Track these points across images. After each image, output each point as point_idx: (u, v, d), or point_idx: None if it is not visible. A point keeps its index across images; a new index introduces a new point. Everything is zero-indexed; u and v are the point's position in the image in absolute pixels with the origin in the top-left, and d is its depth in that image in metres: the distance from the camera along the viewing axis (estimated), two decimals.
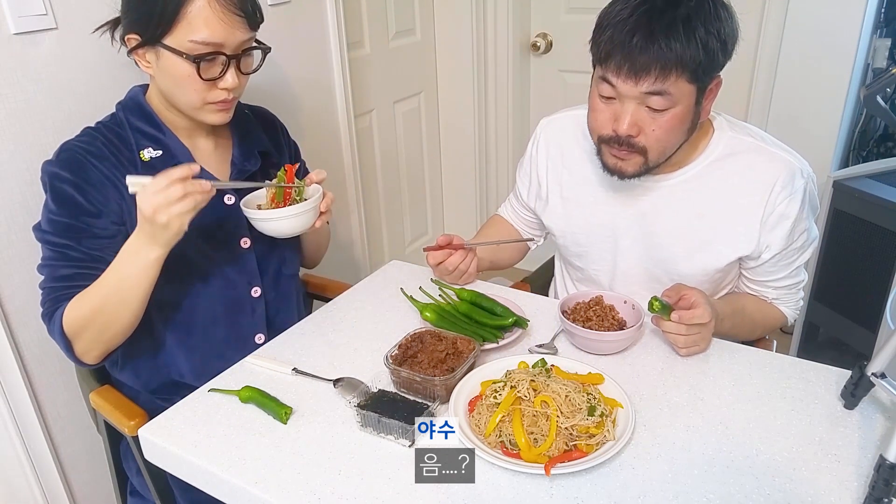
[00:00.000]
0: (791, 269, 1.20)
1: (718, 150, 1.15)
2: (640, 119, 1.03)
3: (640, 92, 0.99)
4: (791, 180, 1.11)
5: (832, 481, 0.81)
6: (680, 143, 1.08)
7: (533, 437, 0.84)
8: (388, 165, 2.54)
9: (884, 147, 2.26)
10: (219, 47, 1.03)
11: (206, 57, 1.03)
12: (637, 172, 1.09)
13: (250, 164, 1.22)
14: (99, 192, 1.07)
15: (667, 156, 1.08)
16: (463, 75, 2.69)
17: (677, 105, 1.01)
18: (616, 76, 1.00)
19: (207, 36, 1.01)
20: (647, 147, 1.05)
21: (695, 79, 0.99)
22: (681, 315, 1.02)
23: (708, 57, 0.98)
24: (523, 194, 1.39)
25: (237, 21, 1.03)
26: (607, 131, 1.06)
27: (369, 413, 0.90)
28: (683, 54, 0.96)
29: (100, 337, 1.07)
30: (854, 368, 0.92)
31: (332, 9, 1.89)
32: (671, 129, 1.03)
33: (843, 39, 2.01)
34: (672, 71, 0.97)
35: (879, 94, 1.80)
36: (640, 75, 0.98)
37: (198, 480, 0.91)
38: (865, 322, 1.98)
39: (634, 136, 1.04)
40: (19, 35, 1.20)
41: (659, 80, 0.98)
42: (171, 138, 1.14)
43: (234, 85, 1.07)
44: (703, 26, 0.96)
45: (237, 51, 1.06)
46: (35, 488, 1.40)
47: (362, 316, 1.22)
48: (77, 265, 1.06)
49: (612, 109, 1.05)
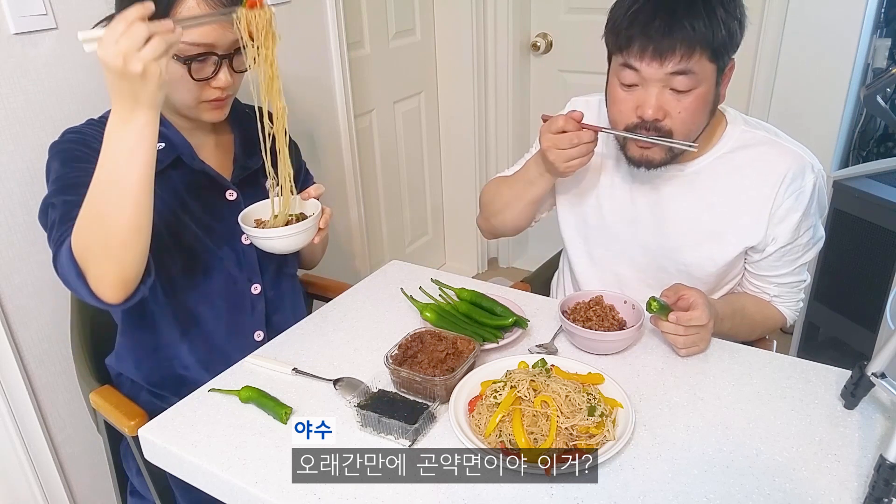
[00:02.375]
0: (794, 267, 1.20)
1: (731, 143, 1.16)
2: (665, 102, 1.04)
3: (665, 73, 1.01)
4: (801, 174, 1.13)
5: (832, 481, 0.81)
6: (703, 126, 1.09)
7: (533, 437, 0.84)
8: (388, 165, 2.54)
9: (884, 147, 2.26)
10: (210, 48, 1.03)
11: (198, 57, 1.03)
12: (664, 160, 1.10)
13: (253, 161, 1.22)
14: None
15: (691, 140, 1.09)
16: (463, 75, 2.69)
17: (701, 85, 1.03)
18: (640, 60, 1.01)
19: (197, 37, 1.01)
20: (673, 130, 1.06)
21: (715, 57, 1.01)
22: (678, 316, 1.03)
23: (729, 34, 1.00)
24: None
25: (227, 21, 1.01)
26: (633, 119, 1.07)
27: (369, 413, 0.90)
28: (707, 32, 0.98)
29: (107, 252, 0.94)
30: (854, 368, 0.92)
31: (332, 9, 1.90)
32: (696, 109, 1.05)
33: (843, 39, 2.01)
34: (696, 49, 0.99)
35: (879, 94, 1.80)
36: (665, 56, 0.99)
37: (198, 480, 0.91)
38: (865, 322, 1.98)
39: (661, 119, 1.05)
40: (19, 35, 1.20)
41: (684, 59, 0.99)
42: (173, 132, 1.14)
43: (226, 84, 1.07)
44: (721, 5, 0.99)
45: (229, 50, 1.06)
46: (35, 488, 1.40)
47: (362, 316, 1.22)
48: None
49: (635, 97, 1.06)
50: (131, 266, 0.97)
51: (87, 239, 0.94)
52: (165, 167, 1.11)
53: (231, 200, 1.19)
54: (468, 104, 2.74)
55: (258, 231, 1.10)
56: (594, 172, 1.28)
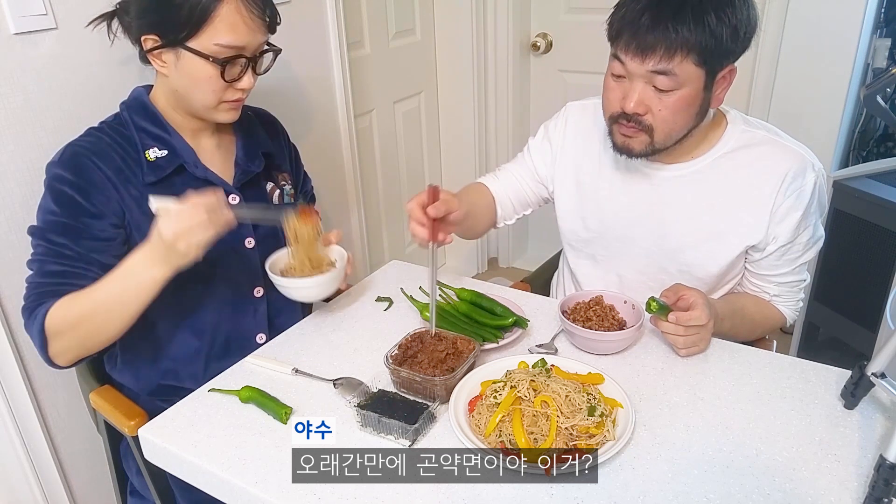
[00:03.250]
0: (794, 266, 1.20)
1: (731, 143, 1.17)
2: (647, 98, 1.05)
3: (647, 70, 1.02)
4: (802, 173, 1.13)
5: (832, 481, 0.81)
6: (688, 127, 1.10)
7: (533, 437, 0.84)
8: (388, 165, 2.54)
9: (884, 147, 2.26)
10: (241, 50, 1.06)
11: (230, 59, 1.05)
12: (644, 152, 1.11)
13: (254, 164, 1.22)
14: (101, 194, 1.07)
15: (674, 139, 1.10)
16: (463, 75, 2.69)
17: (683, 87, 1.03)
18: (625, 54, 1.03)
19: (233, 40, 1.03)
20: (653, 126, 1.07)
21: (702, 62, 1.01)
22: (678, 316, 1.03)
23: (716, 42, 0.99)
24: (538, 167, 1.36)
25: (260, 25, 1.06)
26: (617, 109, 1.09)
27: (369, 413, 0.90)
28: (689, 37, 0.98)
29: (81, 343, 1.05)
30: (854, 368, 0.92)
31: (332, 9, 1.89)
32: (678, 110, 1.05)
33: (843, 39, 2.01)
34: (677, 52, 0.99)
35: (879, 94, 1.80)
36: (646, 53, 1.00)
37: (198, 480, 0.91)
38: (865, 322, 1.98)
39: (642, 114, 1.06)
40: (19, 35, 1.20)
41: (664, 60, 1.00)
42: (176, 138, 1.14)
43: (250, 85, 1.10)
44: (713, 11, 0.98)
45: (255, 53, 1.09)
46: (35, 488, 1.40)
47: (362, 316, 1.22)
48: (69, 263, 1.05)
49: (622, 88, 1.07)
50: (94, 352, 1.08)
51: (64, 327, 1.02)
52: (168, 174, 1.12)
53: (233, 205, 1.19)
54: (468, 104, 2.74)
55: (286, 280, 1.12)
56: (594, 174, 1.28)
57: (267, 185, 1.27)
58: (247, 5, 1.03)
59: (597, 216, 1.28)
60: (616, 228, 1.26)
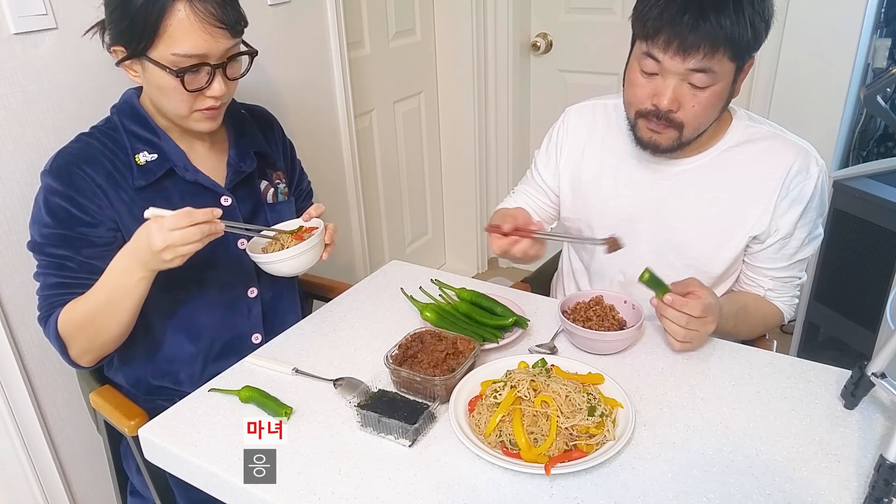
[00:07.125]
0: (790, 262, 1.21)
1: (736, 137, 1.18)
2: (680, 95, 1.05)
3: (686, 69, 1.02)
4: (807, 165, 1.15)
5: (832, 481, 0.81)
6: (713, 119, 1.11)
7: (533, 437, 0.84)
8: (388, 165, 2.54)
9: (884, 147, 2.26)
10: (203, 58, 1.02)
11: (191, 69, 1.02)
12: (671, 147, 1.12)
13: (246, 164, 1.22)
14: (91, 202, 1.07)
15: (700, 132, 1.11)
16: (463, 75, 2.69)
17: (718, 82, 1.04)
18: (663, 52, 1.02)
19: (189, 49, 1.00)
20: (684, 122, 1.08)
21: (737, 56, 1.02)
22: (674, 298, 1.03)
23: (754, 35, 1.01)
24: (547, 179, 1.37)
25: (218, 32, 1.01)
26: (647, 106, 1.09)
27: (369, 413, 0.90)
28: (733, 32, 0.98)
29: (92, 343, 1.09)
30: (854, 368, 0.92)
31: (332, 9, 1.89)
32: (710, 105, 1.06)
33: (843, 39, 2.00)
34: (720, 48, 1.00)
35: (879, 94, 1.79)
36: (688, 52, 1.00)
37: (198, 480, 0.91)
38: (865, 322, 1.97)
39: (675, 111, 1.07)
40: (19, 35, 1.20)
41: (706, 58, 1.00)
42: (167, 141, 1.13)
43: (221, 93, 1.06)
44: (751, 5, 0.99)
45: (222, 59, 1.05)
46: (35, 488, 1.40)
47: (362, 316, 1.22)
48: (73, 274, 1.07)
49: (653, 85, 1.07)
50: (111, 349, 1.12)
51: (74, 331, 1.07)
52: (159, 178, 1.12)
53: (226, 206, 1.18)
54: (468, 104, 2.73)
55: (265, 256, 1.11)
56: (598, 172, 1.28)
57: (261, 183, 1.26)
58: (198, 13, 0.99)
59: (601, 214, 1.28)
60: (621, 224, 1.26)
